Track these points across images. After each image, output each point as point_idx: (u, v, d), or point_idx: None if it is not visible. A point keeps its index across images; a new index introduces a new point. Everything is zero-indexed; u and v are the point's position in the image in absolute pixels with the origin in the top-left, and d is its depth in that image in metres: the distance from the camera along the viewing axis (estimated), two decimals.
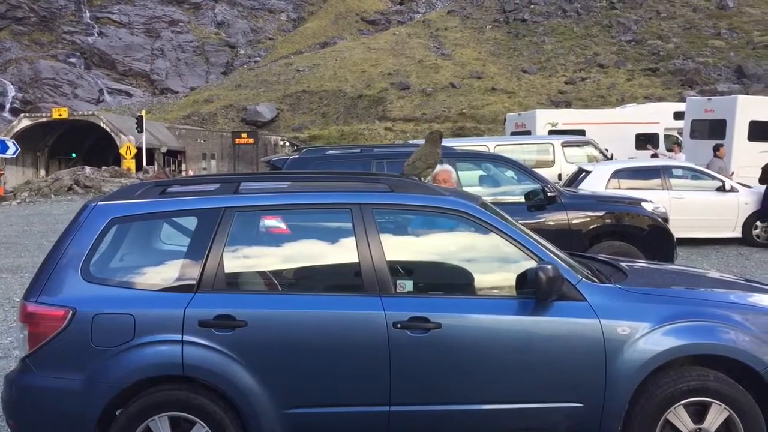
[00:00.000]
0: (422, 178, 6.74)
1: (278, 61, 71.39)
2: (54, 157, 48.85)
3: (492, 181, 9.57)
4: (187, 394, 3.80)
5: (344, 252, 4.10)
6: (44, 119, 44.98)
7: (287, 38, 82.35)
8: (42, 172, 45.35)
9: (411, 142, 25.12)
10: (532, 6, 70.37)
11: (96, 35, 78.49)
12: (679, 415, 3.93)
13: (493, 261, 4.31)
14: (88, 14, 79.63)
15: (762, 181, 13.43)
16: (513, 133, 23.55)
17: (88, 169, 33.55)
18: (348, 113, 56.44)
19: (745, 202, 13.30)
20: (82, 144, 48.99)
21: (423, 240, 4.48)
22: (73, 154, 48.41)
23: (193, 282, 3.89)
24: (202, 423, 3.79)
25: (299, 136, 51.50)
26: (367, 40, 71.59)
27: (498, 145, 17.32)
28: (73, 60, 75.59)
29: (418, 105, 54.00)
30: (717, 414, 3.92)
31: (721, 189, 13.32)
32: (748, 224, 13.34)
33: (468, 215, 4.13)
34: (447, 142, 15.48)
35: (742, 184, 13.77)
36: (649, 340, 3.91)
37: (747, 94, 36.47)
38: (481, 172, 9.66)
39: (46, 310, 3.81)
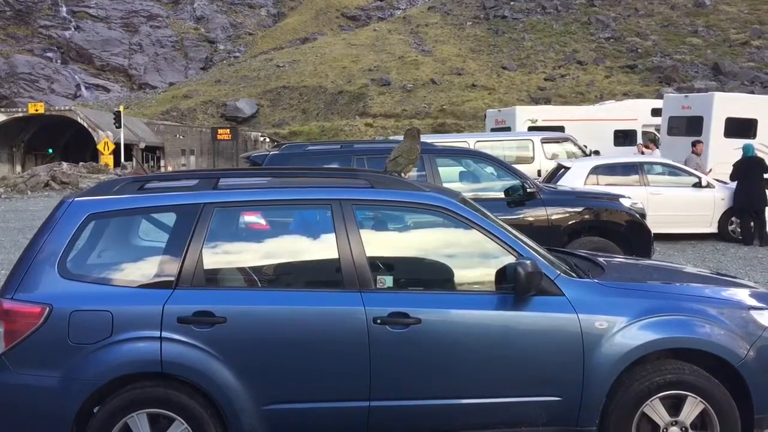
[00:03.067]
0: (404, 174, 6.76)
1: (258, 57, 71.06)
2: (30, 152, 48.28)
3: (472, 177, 9.60)
4: (166, 390, 3.77)
5: (324, 248, 4.10)
6: (20, 114, 44.44)
7: (267, 34, 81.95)
8: (18, 168, 44.79)
9: (392, 138, 25.13)
10: (512, 3, 70.67)
11: (73, 29, 77.57)
12: (655, 408, 3.98)
13: (473, 256, 4.33)
14: (64, 8, 78.65)
15: (733, 177, 13.61)
16: (493, 130, 23.64)
17: (65, 164, 33.20)
18: (328, 109, 56.34)
19: (721, 198, 13.47)
20: (59, 139, 48.44)
21: (403, 236, 4.49)
22: (50, 150, 47.86)
23: (172, 278, 3.87)
24: (181, 420, 3.77)
25: (279, 131, 51.36)
26: (347, 36, 71.46)
27: (478, 141, 17.37)
28: (49, 54, 74.64)
29: (399, 101, 54.05)
30: (692, 407, 3.97)
31: (698, 185, 13.48)
32: (723, 220, 13.51)
33: (448, 211, 4.15)
34: (427, 138, 15.52)
35: (718, 180, 13.93)
36: (626, 334, 3.95)
37: (723, 91, 36.95)
38: (461, 168, 9.69)
39: (23, 306, 3.77)
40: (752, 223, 13.26)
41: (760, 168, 13.37)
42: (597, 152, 19.44)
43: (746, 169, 13.31)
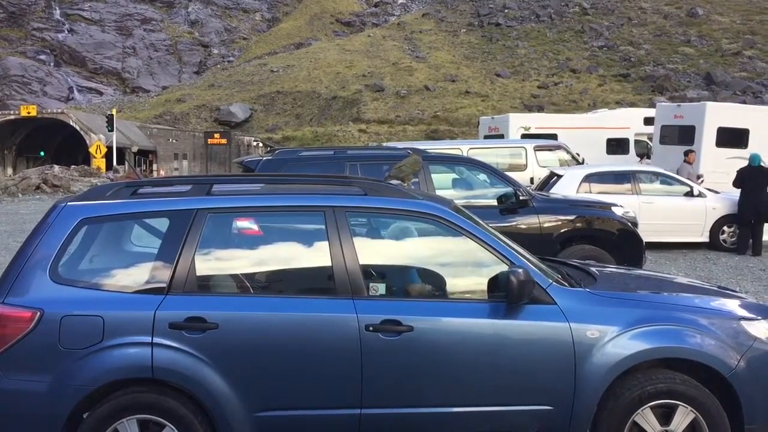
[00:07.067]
0: (405, 183, 6.83)
1: (252, 61, 71.07)
2: (22, 155, 48.11)
3: (465, 184, 9.61)
4: (157, 396, 3.76)
5: (317, 255, 4.09)
6: (12, 117, 44.29)
7: (261, 38, 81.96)
8: (9, 171, 44.61)
9: (385, 144, 25.16)
10: (506, 10, 70.95)
11: (66, 32, 77.38)
12: (646, 418, 3.98)
13: (466, 264, 4.33)
14: (58, 11, 78.49)
15: (735, 185, 13.62)
16: (486, 137, 23.70)
17: (56, 168, 33.08)
18: (322, 114, 56.36)
19: (712, 207, 13.52)
20: (50, 142, 48.27)
21: (396, 243, 4.49)
22: (42, 153, 47.68)
23: (164, 284, 3.86)
24: (172, 426, 3.75)
25: (273, 136, 51.32)
26: (341, 42, 71.56)
27: (471, 148, 17.41)
28: (42, 57, 74.44)
29: (393, 107, 54.10)
30: (683, 416, 3.98)
31: (690, 194, 13.53)
32: (715, 229, 13.57)
33: (441, 219, 4.15)
34: (420, 145, 15.57)
35: (710, 190, 13.99)
36: (617, 343, 3.96)
37: (715, 100, 37.14)
38: (454, 175, 9.70)
39: (13, 311, 3.75)
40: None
41: (765, 179, 13.32)
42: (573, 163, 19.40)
43: (750, 178, 13.31)
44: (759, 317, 4.25)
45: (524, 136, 21.41)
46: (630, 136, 23.28)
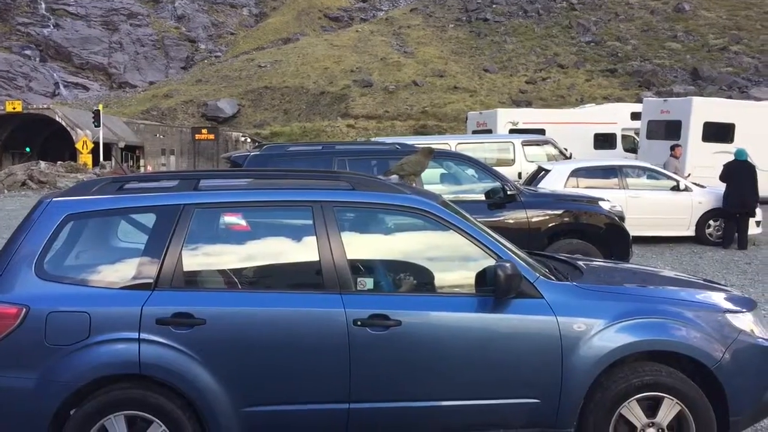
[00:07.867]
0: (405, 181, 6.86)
1: (240, 57, 70.74)
2: (7, 151, 47.68)
3: (453, 179, 9.63)
4: (144, 392, 3.75)
5: (305, 250, 4.09)
6: None
7: (249, 33, 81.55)
8: None
9: (373, 139, 25.16)
10: (493, 6, 70.96)
11: (52, 27, 76.66)
12: (632, 410, 4.01)
13: (453, 259, 4.35)
14: (43, 5, 77.73)
15: (721, 178, 13.71)
16: (474, 132, 23.76)
17: (42, 164, 32.83)
18: (310, 110, 56.20)
19: (698, 202, 13.61)
20: (36, 138, 47.84)
21: (384, 238, 4.50)
22: (28, 149, 47.28)
23: (151, 280, 3.85)
24: (159, 422, 3.75)
25: (261, 132, 51.12)
26: (329, 37, 71.36)
27: (459, 143, 17.43)
28: (27, 52, 73.70)
29: (381, 102, 54.02)
30: (669, 408, 4.01)
31: (676, 188, 13.62)
32: (701, 223, 13.66)
33: (428, 213, 4.16)
34: (409, 140, 15.57)
35: (696, 184, 14.09)
36: (604, 336, 3.99)
37: (702, 95, 37.35)
38: (442, 170, 9.72)
39: None
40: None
41: (751, 173, 13.43)
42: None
43: (736, 172, 13.40)
44: (744, 310, 4.30)
45: (512, 131, 21.48)
46: (617, 131, 23.39)
